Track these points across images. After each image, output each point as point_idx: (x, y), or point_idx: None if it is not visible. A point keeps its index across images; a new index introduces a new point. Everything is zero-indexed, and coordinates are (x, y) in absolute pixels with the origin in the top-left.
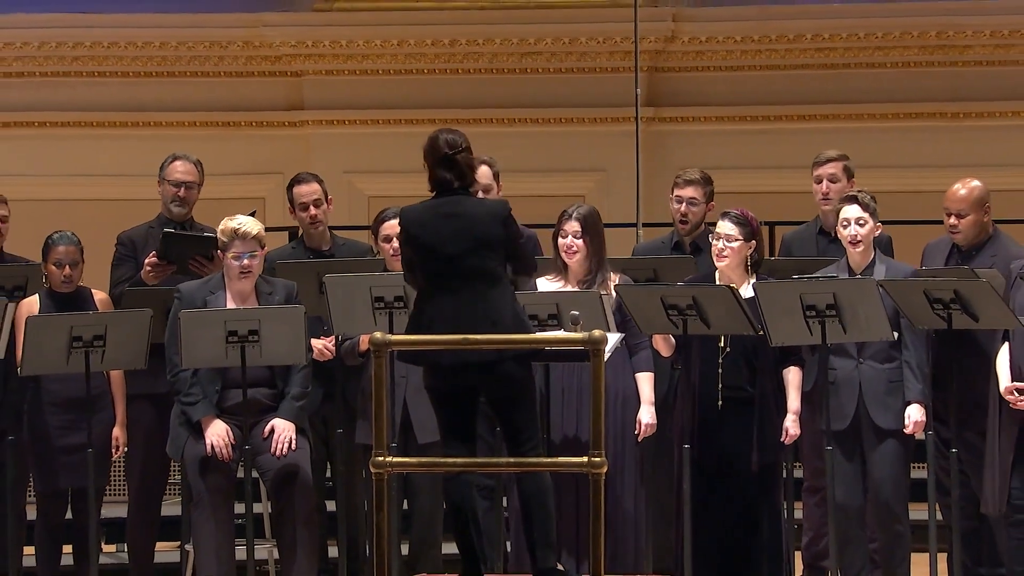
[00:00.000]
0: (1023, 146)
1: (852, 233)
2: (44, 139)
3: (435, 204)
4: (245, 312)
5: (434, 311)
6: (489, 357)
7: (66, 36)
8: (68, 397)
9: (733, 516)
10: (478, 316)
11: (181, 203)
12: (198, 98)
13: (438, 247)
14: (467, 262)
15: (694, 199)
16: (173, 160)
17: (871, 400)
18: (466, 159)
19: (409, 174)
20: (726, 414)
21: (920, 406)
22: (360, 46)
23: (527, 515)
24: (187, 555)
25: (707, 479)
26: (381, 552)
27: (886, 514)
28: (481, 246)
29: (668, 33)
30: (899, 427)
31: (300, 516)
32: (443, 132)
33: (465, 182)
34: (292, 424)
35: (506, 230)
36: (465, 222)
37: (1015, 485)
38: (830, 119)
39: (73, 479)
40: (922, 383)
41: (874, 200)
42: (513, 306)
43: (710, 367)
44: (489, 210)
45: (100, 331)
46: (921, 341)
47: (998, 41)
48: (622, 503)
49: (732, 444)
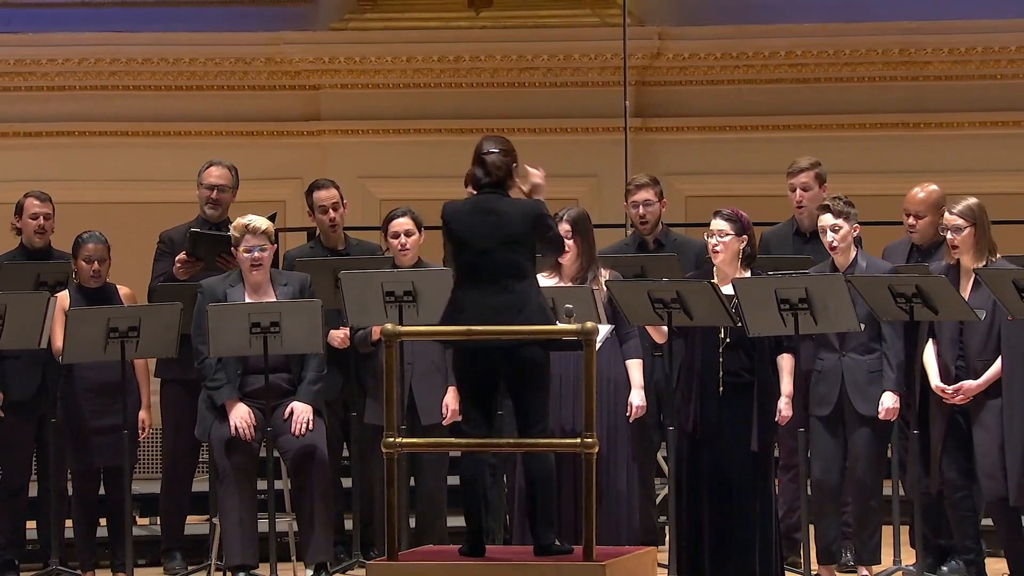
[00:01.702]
0: (978, 154)
1: (829, 240)
2: (83, 147)
3: (474, 201)
4: (267, 305)
5: (466, 299)
6: (511, 343)
7: (104, 53)
8: (101, 383)
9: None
10: (505, 305)
11: (215, 205)
12: (224, 109)
13: (471, 241)
14: (497, 256)
15: (648, 200)
16: (209, 166)
17: (852, 389)
18: (497, 160)
19: (418, 178)
20: (727, 399)
21: (893, 394)
22: (372, 62)
23: (531, 495)
24: (214, 527)
25: (707, 458)
26: (391, 525)
27: (862, 489)
28: (511, 242)
29: (654, 50)
30: (876, 414)
31: (317, 492)
32: (486, 138)
33: (492, 180)
34: (309, 407)
35: (535, 228)
36: (498, 219)
37: (947, 468)
38: (802, 129)
39: (106, 458)
40: (896, 373)
41: (849, 204)
42: (538, 298)
43: (712, 356)
44: (521, 209)
45: (135, 323)
46: (899, 335)
47: (955, 58)
48: (615, 481)
49: (733, 426)
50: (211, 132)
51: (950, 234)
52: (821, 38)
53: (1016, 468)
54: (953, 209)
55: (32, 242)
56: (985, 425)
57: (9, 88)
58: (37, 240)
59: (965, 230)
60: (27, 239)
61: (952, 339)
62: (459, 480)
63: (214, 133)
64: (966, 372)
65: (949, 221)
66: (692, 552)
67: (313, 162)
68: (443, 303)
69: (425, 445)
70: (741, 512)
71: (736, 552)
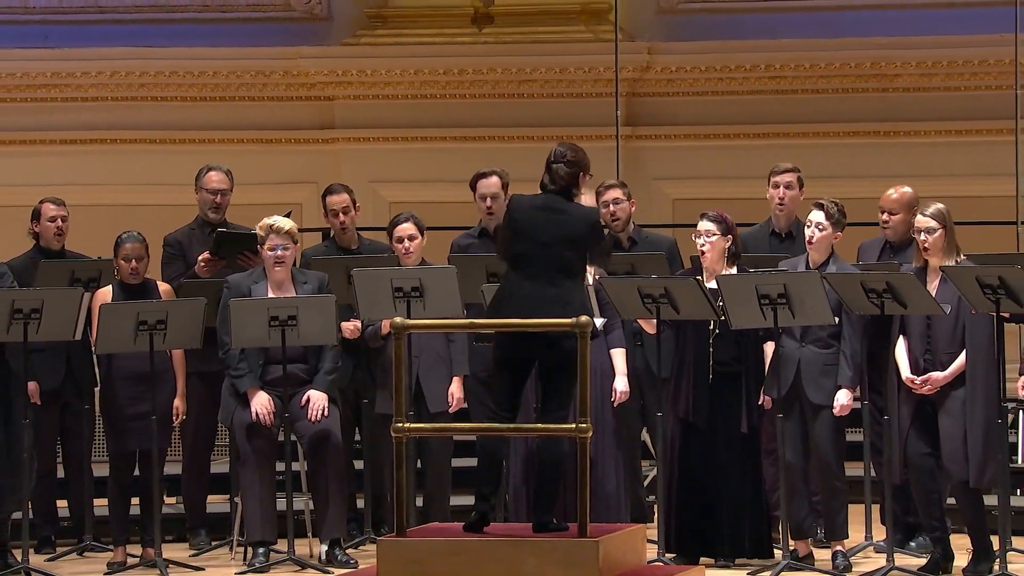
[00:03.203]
0: (944, 160)
1: (810, 234)
2: (115, 154)
3: (541, 199)
4: (285, 300)
5: (519, 288)
6: (554, 334)
7: (133, 67)
8: (136, 372)
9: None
10: (554, 298)
11: (217, 208)
12: (245, 119)
13: (531, 234)
14: (552, 251)
15: (618, 199)
16: (208, 171)
17: (806, 379)
18: (562, 169)
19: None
20: (717, 386)
21: (848, 391)
22: (382, 75)
23: (540, 475)
24: (236, 506)
25: (700, 441)
26: (400, 503)
27: (825, 471)
28: (567, 241)
29: (643, 64)
30: (829, 404)
31: (332, 473)
32: (560, 145)
33: (557, 186)
34: (325, 395)
35: (591, 232)
36: (560, 218)
37: (914, 454)
38: (781, 136)
39: (140, 441)
40: (852, 371)
41: (842, 214)
42: (582, 295)
43: (703, 346)
44: (582, 214)
45: (162, 316)
46: (857, 334)
47: (922, 71)
48: (602, 461)
49: (723, 411)
50: (233, 140)
51: (922, 235)
52: (798, 53)
53: (977, 453)
54: (925, 212)
55: (50, 244)
56: (950, 413)
57: (46, 99)
58: (55, 242)
59: (936, 232)
60: (45, 241)
61: (921, 334)
62: (478, 457)
63: (235, 140)
64: (933, 364)
65: (921, 224)
66: (680, 530)
67: (327, 167)
68: (448, 299)
69: (431, 430)
70: (732, 492)
71: (728, 530)
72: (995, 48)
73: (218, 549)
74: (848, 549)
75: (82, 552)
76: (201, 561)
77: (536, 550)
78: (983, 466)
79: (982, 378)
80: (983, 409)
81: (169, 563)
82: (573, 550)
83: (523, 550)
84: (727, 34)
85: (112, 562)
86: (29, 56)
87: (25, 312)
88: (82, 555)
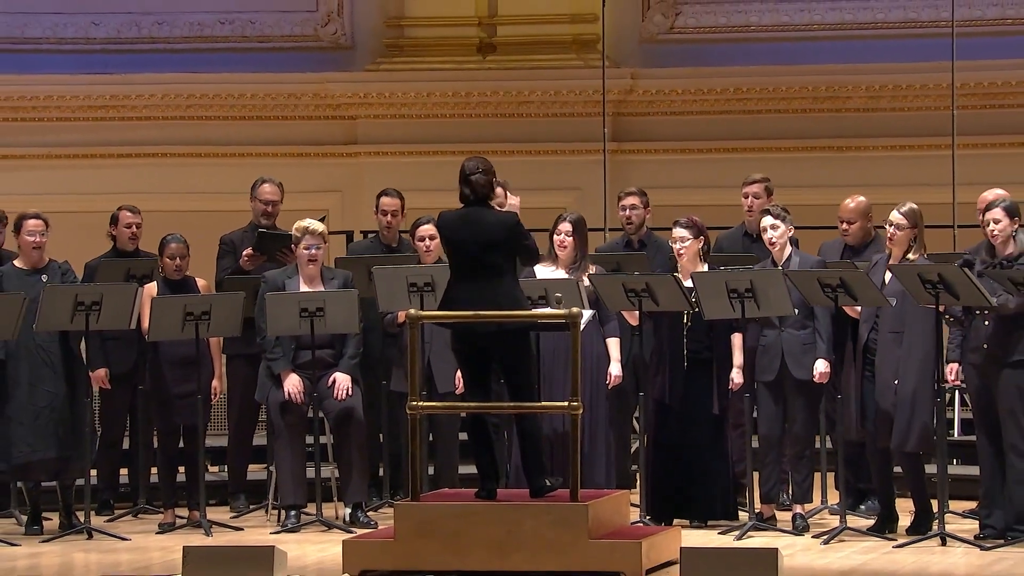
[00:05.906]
0: (891, 172)
1: (768, 238)
2: (165, 166)
3: (462, 213)
4: (314, 294)
5: (457, 293)
6: (492, 328)
7: (181, 90)
8: (181, 357)
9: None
10: (487, 298)
11: (268, 217)
12: (278, 136)
13: (460, 245)
14: (480, 258)
15: (635, 206)
16: (262, 183)
17: (790, 359)
18: (480, 179)
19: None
20: (690, 372)
21: (824, 360)
22: (399, 97)
23: (523, 447)
24: (271, 474)
25: (676, 420)
26: (414, 472)
27: (798, 442)
28: (491, 246)
29: (628, 88)
30: (809, 379)
31: (355, 445)
32: (469, 160)
33: (478, 196)
34: (349, 376)
35: (510, 234)
36: (480, 228)
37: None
38: (748, 151)
39: (185, 418)
40: (826, 344)
41: (785, 210)
42: (514, 292)
43: (677, 336)
44: (499, 219)
45: (206, 308)
46: (827, 315)
47: (871, 94)
48: (596, 436)
49: (696, 394)
50: (268, 154)
51: (892, 229)
52: (764, 78)
53: (902, 421)
54: (900, 209)
55: (126, 246)
56: (885, 389)
57: (104, 119)
58: (130, 244)
59: (904, 229)
60: (121, 244)
61: (869, 316)
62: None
63: (271, 155)
64: (876, 342)
65: (893, 218)
66: (659, 495)
67: (351, 179)
68: None
69: (441, 408)
70: (704, 464)
71: (701, 496)
72: (934, 74)
73: (255, 512)
74: (807, 512)
75: (137, 514)
76: (240, 522)
77: (533, 513)
78: (906, 433)
79: (917, 357)
80: (913, 382)
81: (212, 524)
82: (566, 512)
83: (522, 513)
84: (701, 61)
85: (163, 523)
86: (93, 80)
87: (87, 304)
88: (137, 516)
